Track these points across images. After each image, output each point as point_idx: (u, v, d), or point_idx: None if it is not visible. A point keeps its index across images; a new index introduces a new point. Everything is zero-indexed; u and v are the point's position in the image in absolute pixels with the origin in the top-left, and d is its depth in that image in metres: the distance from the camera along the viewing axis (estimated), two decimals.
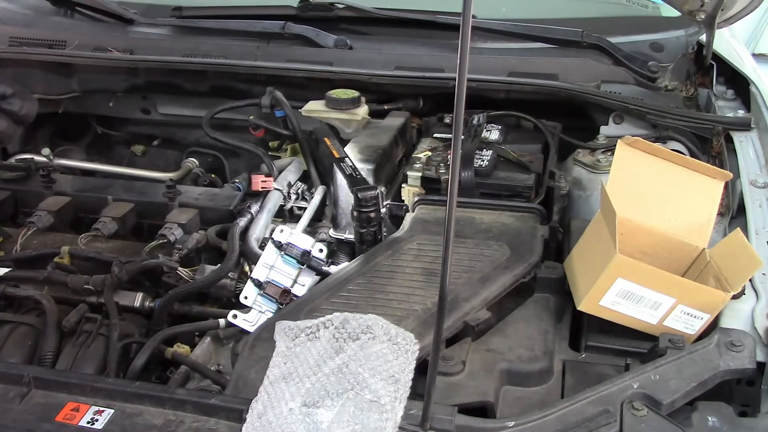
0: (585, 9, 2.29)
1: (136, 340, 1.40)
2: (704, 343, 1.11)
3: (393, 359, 1.01)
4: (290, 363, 1.03)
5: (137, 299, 1.47)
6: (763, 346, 1.11)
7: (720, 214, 1.48)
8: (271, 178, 1.75)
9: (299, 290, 1.40)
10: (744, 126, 1.71)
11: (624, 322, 1.23)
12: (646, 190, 1.40)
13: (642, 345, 1.22)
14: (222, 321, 1.38)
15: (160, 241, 1.57)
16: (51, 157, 2.00)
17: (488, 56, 1.97)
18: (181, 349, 1.36)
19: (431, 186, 1.62)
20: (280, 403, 0.96)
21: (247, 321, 1.36)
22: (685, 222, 1.38)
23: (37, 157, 2.00)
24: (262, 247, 1.54)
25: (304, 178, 1.85)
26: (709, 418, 0.99)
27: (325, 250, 1.45)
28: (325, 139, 1.75)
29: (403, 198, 1.66)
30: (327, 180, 1.77)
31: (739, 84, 1.89)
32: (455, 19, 1.98)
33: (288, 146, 1.97)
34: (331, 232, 1.65)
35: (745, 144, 1.66)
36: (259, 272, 1.41)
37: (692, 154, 1.69)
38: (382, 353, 1.01)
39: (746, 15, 1.86)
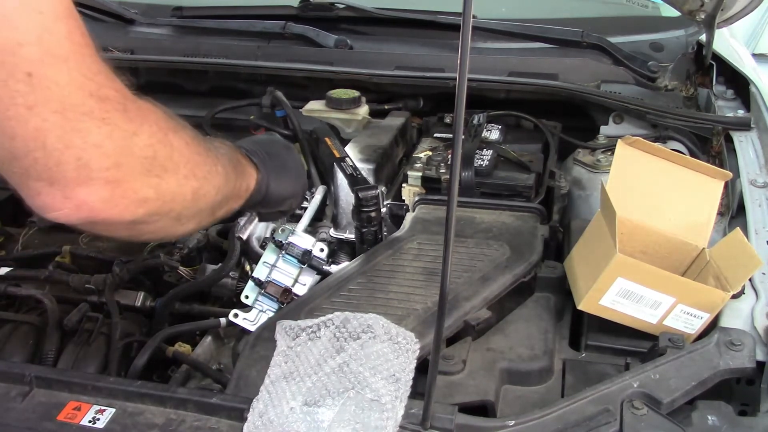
0: (585, 9, 2.29)
1: (137, 339, 1.40)
2: (704, 342, 1.11)
3: (394, 358, 1.01)
4: (291, 362, 1.03)
5: (138, 298, 1.47)
6: (763, 346, 1.11)
7: (720, 213, 1.48)
8: None
9: (300, 289, 1.40)
10: (744, 126, 1.71)
11: (624, 321, 1.24)
12: (646, 190, 1.40)
13: (642, 344, 1.22)
14: (223, 320, 1.38)
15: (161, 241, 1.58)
16: None
17: (488, 56, 1.98)
18: (182, 348, 1.36)
19: (432, 186, 1.62)
20: (281, 402, 0.96)
21: (248, 320, 1.36)
22: (685, 222, 1.38)
23: None
24: (263, 246, 1.54)
25: None
26: (709, 417, 0.99)
27: (326, 250, 1.45)
28: (326, 138, 1.75)
29: (403, 197, 1.66)
30: (327, 180, 1.76)
31: (739, 84, 1.89)
32: (455, 19, 1.98)
33: None
34: (332, 231, 1.65)
35: (745, 144, 1.66)
36: (260, 271, 1.41)
37: (692, 154, 1.69)
38: (382, 352, 1.01)
39: (746, 15, 1.86)
